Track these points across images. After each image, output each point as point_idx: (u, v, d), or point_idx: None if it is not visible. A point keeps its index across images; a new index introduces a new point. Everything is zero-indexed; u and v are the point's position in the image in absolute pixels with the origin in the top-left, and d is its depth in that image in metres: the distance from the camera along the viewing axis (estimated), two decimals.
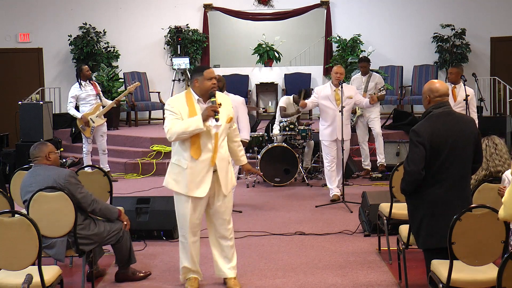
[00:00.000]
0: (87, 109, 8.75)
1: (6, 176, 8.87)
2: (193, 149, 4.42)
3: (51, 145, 4.70)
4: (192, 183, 4.45)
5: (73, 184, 4.45)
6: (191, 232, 4.59)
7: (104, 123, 8.96)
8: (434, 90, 4.02)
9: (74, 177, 4.52)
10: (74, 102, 8.74)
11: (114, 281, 4.94)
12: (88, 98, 8.78)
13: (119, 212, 4.78)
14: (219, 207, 4.61)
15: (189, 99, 4.48)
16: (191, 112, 4.41)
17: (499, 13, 12.71)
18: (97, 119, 8.78)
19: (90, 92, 8.81)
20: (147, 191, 8.36)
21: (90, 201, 4.53)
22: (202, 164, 4.43)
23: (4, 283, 3.80)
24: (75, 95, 8.74)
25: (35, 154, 4.60)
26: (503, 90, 11.81)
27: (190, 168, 4.44)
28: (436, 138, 3.89)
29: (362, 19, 12.90)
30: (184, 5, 13.07)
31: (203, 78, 4.44)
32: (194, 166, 4.43)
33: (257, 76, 13.29)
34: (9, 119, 11.50)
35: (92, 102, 8.79)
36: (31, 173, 4.57)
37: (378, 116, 9.01)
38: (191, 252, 4.63)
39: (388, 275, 4.96)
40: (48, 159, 4.59)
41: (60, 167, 4.73)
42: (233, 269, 4.75)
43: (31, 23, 12.82)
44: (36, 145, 4.65)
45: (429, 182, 3.92)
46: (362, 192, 6.54)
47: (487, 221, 3.61)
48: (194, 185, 4.45)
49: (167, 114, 4.45)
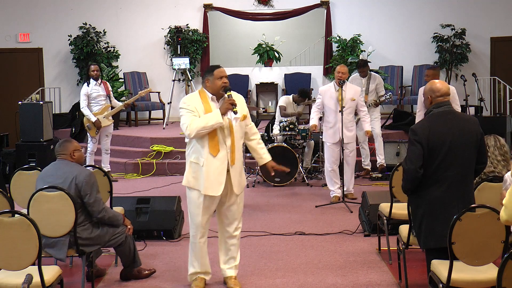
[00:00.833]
0: (96, 109, 8.77)
1: (6, 176, 8.87)
2: (211, 146, 4.42)
3: (76, 143, 4.73)
4: (207, 181, 4.44)
5: (90, 185, 4.48)
6: (201, 232, 4.60)
7: (111, 124, 8.98)
8: (435, 90, 4.02)
9: (94, 179, 4.55)
10: (86, 100, 8.75)
11: (120, 279, 4.95)
12: (98, 98, 8.79)
13: (123, 218, 4.79)
14: (231, 206, 4.61)
15: (203, 97, 4.50)
16: (207, 109, 4.44)
17: (499, 13, 12.72)
18: (104, 120, 8.78)
19: (101, 92, 8.83)
20: (147, 191, 8.36)
21: (100, 209, 4.54)
22: (218, 161, 4.44)
23: (4, 283, 3.80)
24: (86, 93, 8.76)
25: (60, 151, 4.63)
26: (503, 90, 11.80)
27: (206, 166, 4.43)
28: (434, 137, 3.89)
29: (362, 19, 12.90)
30: (184, 5, 13.07)
31: (213, 78, 4.48)
32: (211, 163, 4.43)
33: (257, 76, 13.30)
34: (9, 119, 11.50)
35: (101, 102, 8.80)
36: (53, 166, 4.61)
37: (378, 117, 9.03)
38: (200, 252, 4.63)
39: (388, 275, 4.96)
40: (72, 157, 4.63)
41: (82, 166, 4.76)
42: (235, 268, 4.75)
43: (31, 23, 12.82)
44: (61, 142, 4.69)
45: (428, 182, 3.93)
46: (362, 192, 6.54)
47: (487, 221, 3.61)
48: (209, 184, 4.44)
49: (184, 112, 4.45)
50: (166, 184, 8.86)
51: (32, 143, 9.45)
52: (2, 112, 12.40)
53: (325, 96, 7.48)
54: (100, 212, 4.54)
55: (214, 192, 4.47)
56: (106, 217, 4.59)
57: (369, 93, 8.90)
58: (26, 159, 9.19)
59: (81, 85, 12.50)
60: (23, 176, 5.35)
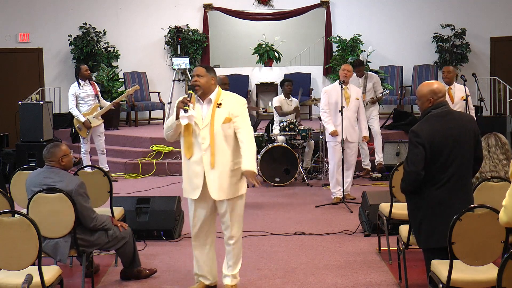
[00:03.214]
0: (85, 109, 8.74)
1: (6, 176, 8.87)
2: (184, 148, 4.39)
3: (65, 147, 4.60)
4: (186, 183, 4.44)
5: (80, 195, 4.42)
6: (194, 235, 4.52)
7: (102, 123, 8.95)
8: (437, 92, 3.98)
9: (83, 189, 4.47)
10: (75, 101, 8.73)
11: (120, 279, 4.95)
12: (87, 98, 8.78)
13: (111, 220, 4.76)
14: (222, 212, 4.45)
15: (193, 97, 4.42)
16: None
17: (499, 13, 12.71)
18: (94, 120, 8.77)
19: (89, 92, 8.81)
20: (147, 191, 8.36)
21: (91, 218, 4.49)
22: (194, 164, 4.35)
23: (4, 283, 3.80)
24: (74, 93, 8.74)
25: (48, 157, 4.52)
26: (503, 90, 11.81)
27: (184, 168, 4.44)
28: (436, 138, 3.88)
29: (362, 19, 12.90)
30: (184, 5, 13.07)
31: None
32: (186, 166, 4.41)
33: (257, 76, 13.29)
34: (9, 119, 11.49)
35: (90, 102, 8.79)
36: (42, 174, 4.51)
37: (377, 114, 9.05)
38: (196, 255, 4.55)
39: (388, 275, 4.96)
40: (61, 163, 4.52)
41: (71, 174, 4.70)
42: (232, 278, 4.55)
43: (31, 23, 12.82)
44: (49, 148, 4.55)
45: (429, 182, 3.91)
46: (362, 192, 6.53)
47: (487, 221, 3.61)
48: (188, 186, 4.41)
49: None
50: (166, 184, 8.86)
51: (32, 143, 9.45)
52: (2, 112, 12.39)
53: (330, 95, 7.43)
54: (92, 220, 4.49)
55: (190, 195, 4.40)
56: (98, 225, 4.55)
57: (367, 92, 8.92)
58: (26, 159, 9.19)
59: None
60: (23, 176, 5.33)
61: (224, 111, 4.37)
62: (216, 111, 4.35)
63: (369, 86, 8.97)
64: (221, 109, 4.36)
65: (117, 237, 4.70)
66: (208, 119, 4.34)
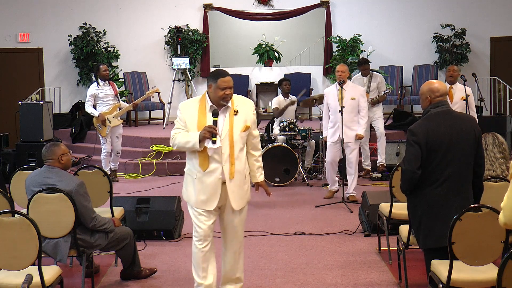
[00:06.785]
0: (105, 109, 8.78)
1: (6, 176, 8.87)
2: (200, 160, 4.10)
3: (63, 147, 4.60)
4: (200, 195, 4.14)
5: (80, 195, 4.42)
6: (202, 239, 4.20)
7: (121, 124, 9.00)
8: (435, 90, 4.00)
9: (84, 189, 4.47)
10: (92, 101, 8.76)
11: (120, 279, 4.96)
12: (106, 98, 8.82)
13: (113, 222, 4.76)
14: (230, 220, 4.25)
15: (202, 105, 4.16)
16: (200, 121, 4.10)
17: (499, 13, 12.72)
18: (114, 120, 8.81)
19: (109, 92, 8.86)
20: (147, 191, 8.36)
21: (91, 218, 4.48)
22: (211, 176, 4.10)
23: (4, 283, 3.80)
24: (93, 93, 8.78)
25: (47, 156, 4.52)
26: (503, 90, 11.81)
27: (198, 179, 4.13)
28: (432, 137, 3.87)
29: (362, 19, 12.90)
30: (184, 5, 13.07)
31: (216, 86, 4.08)
32: (202, 177, 4.11)
33: (257, 76, 13.30)
34: (9, 119, 11.50)
35: (110, 102, 8.83)
36: (42, 174, 4.51)
37: (381, 116, 9.04)
38: (199, 260, 4.23)
39: (388, 275, 4.96)
40: (60, 162, 4.52)
41: (71, 175, 4.70)
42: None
43: (31, 23, 12.82)
44: (48, 147, 4.54)
45: (427, 181, 3.91)
46: (362, 192, 6.54)
47: (487, 221, 3.61)
48: (203, 198, 4.13)
49: (176, 119, 4.23)
50: (166, 184, 8.86)
51: (32, 143, 9.46)
52: (2, 112, 12.40)
53: (328, 96, 7.57)
54: (92, 220, 4.48)
55: (205, 206, 4.15)
56: (98, 225, 4.53)
57: (371, 92, 8.90)
58: (26, 159, 9.20)
59: (81, 85, 12.59)
60: (23, 176, 5.32)
61: (241, 118, 4.18)
62: (234, 119, 4.15)
63: (373, 85, 8.97)
64: (238, 117, 4.16)
65: (118, 239, 4.70)
66: (227, 129, 4.12)
